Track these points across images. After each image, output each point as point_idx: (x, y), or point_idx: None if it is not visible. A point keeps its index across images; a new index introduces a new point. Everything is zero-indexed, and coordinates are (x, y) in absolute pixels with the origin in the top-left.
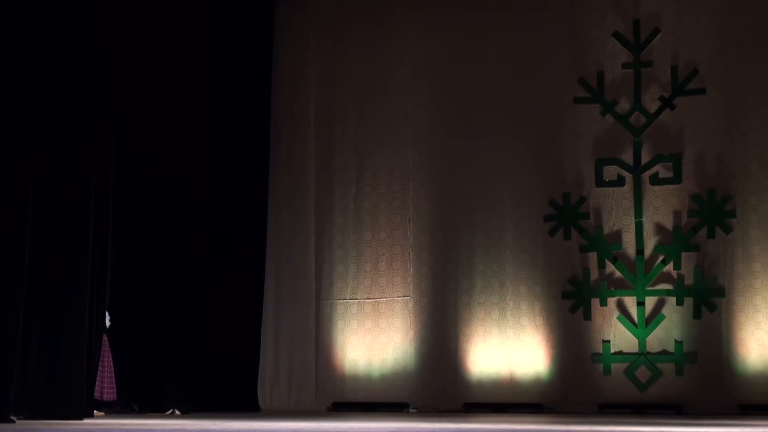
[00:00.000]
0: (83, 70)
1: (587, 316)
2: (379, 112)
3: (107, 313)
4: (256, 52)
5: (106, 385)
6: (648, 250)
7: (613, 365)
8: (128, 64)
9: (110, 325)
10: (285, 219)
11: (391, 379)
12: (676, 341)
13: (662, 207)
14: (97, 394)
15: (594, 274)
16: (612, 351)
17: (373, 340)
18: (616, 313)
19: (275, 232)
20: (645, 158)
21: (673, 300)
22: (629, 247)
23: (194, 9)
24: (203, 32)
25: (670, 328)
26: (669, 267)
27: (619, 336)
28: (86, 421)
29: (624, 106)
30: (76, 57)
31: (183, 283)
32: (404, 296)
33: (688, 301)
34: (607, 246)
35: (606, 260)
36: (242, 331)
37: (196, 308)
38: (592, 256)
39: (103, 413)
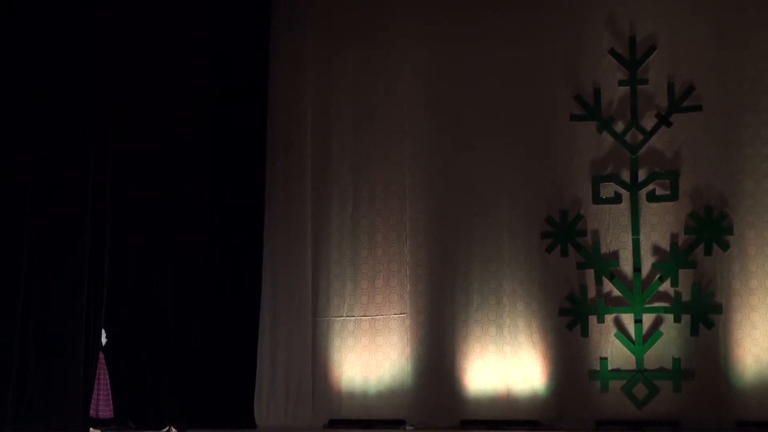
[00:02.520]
0: (78, 77)
1: (584, 333)
2: (376, 127)
3: (104, 330)
4: (252, 66)
5: (102, 403)
6: (645, 268)
7: (610, 382)
8: (123, 73)
9: (107, 342)
10: (281, 235)
11: (387, 397)
12: (673, 358)
13: (659, 224)
14: (92, 412)
15: (591, 292)
16: (609, 368)
17: (370, 357)
18: (614, 330)
19: (272, 248)
20: (642, 175)
21: (670, 317)
22: (626, 264)
23: (189, 18)
24: (198, 43)
25: (668, 345)
26: (666, 284)
27: (616, 353)
28: None
29: (620, 123)
30: (71, 63)
31: (180, 299)
32: (401, 313)
33: (686, 318)
34: (605, 263)
35: (603, 277)
36: (239, 348)
37: (193, 324)
38: (590, 273)
39: (99, 431)
